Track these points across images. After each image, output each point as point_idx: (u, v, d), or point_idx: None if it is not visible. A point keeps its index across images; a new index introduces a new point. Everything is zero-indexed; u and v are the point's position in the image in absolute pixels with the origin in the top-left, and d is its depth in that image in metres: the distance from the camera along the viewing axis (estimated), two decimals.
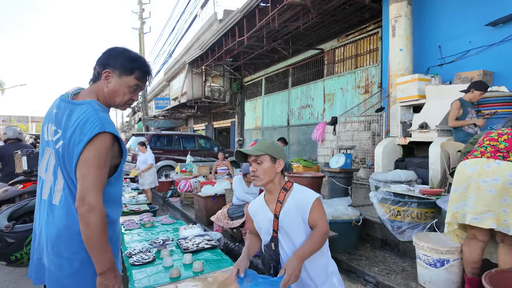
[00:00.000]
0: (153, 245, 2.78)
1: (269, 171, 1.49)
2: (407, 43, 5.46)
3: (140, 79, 1.29)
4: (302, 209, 1.44)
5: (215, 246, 2.75)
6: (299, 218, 1.45)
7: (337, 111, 8.22)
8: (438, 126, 4.49)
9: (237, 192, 3.90)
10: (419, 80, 4.94)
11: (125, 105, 1.34)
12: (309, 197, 1.45)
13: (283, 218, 1.46)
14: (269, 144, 1.54)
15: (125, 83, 1.27)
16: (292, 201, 1.47)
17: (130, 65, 1.26)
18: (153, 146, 9.54)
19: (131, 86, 1.28)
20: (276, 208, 1.49)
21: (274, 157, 1.51)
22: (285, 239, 1.47)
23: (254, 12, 7.39)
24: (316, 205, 1.43)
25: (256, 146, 1.52)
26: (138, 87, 1.30)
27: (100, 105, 1.24)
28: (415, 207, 2.74)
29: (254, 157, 1.50)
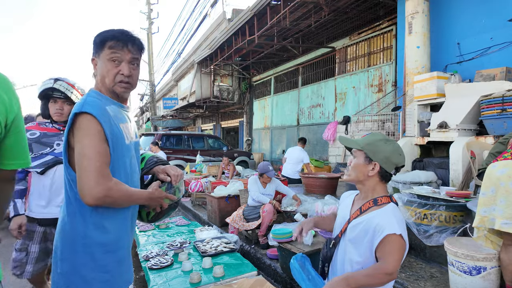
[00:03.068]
0: (170, 248, 2.71)
1: (358, 169, 1.33)
2: (424, 40, 5.31)
3: (114, 47, 1.18)
4: (372, 235, 1.24)
5: (234, 249, 2.66)
6: (367, 241, 1.26)
7: (349, 110, 8.08)
8: (458, 125, 4.34)
9: (253, 193, 3.81)
10: (438, 78, 4.79)
11: (119, 85, 1.21)
12: (384, 228, 1.21)
13: (353, 227, 1.32)
14: (372, 140, 1.34)
15: (104, 59, 1.19)
16: (369, 220, 1.27)
17: (100, 39, 1.19)
18: (163, 146, 9.52)
19: (110, 58, 1.19)
20: (355, 213, 1.34)
21: (369, 156, 1.32)
22: (345, 247, 1.34)
23: (265, 10, 7.29)
24: (389, 242, 1.20)
25: (360, 139, 1.38)
26: (117, 57, 1.19)
27: (99, 94, 1.20)
28: (443, 210, 2.62)
29: (353, 149, 1.38)
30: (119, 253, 1.22)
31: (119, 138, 1.17)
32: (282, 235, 2.64)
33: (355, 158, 1.35)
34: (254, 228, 3.70)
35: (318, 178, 4.60)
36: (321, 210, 3.13)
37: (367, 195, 1.35)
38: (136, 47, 1.22)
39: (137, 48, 1.22)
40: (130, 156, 1.25)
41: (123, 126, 1.21)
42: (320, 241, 2.63)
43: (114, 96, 1.24)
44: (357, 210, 1.34)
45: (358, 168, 1.34)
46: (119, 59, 1.19)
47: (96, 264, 1.15)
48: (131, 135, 1.27)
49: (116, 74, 1.19)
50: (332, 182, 4.61)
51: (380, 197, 1.33)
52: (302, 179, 4.89)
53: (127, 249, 1.29)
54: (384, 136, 1.38)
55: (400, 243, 1.21)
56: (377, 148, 1.32)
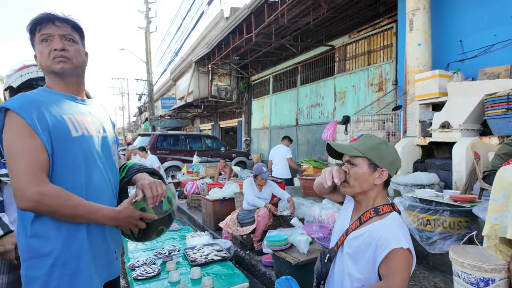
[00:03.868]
0: (158, 256, 2.56)
1: (362, 178, 1.15)
2: (425, 38, 5.16)
3: (41, 28, 1.11)
4: (374, 250, 1.08)
5: (226, 258, 2.51)
6: (369, 256, 1.10)
7: (349, 110, 7.93)
8: (462, 125, 4.19)
9: (248, 196, 3.66)
10: (440, 76, 4.64)
11: (55, 62, 1.10)
12: (389, 241, 1.05)
13: (352, 240, 1.16)
14: (374, 144, 1.17)
15: (37, 45, 1.12)
16: (372, 232, 1.11)
17: (29, 29, 1.13)
18: (159, 146, 9.37)
19: (40, 40, 1.12)
20: (353, 224, 1.18)
21: (374, 163, 1.16)
22: (343, 262, 1.19)
23: (262, 8, 7.13)
24: (395, 257, 1.04)
25: (355, 143, 1.18)
26: (46, 35, 1.11)
27: (44, 89, 1.14)
28: (448, 215, 2.47)
29: (348, 157, 1.18)
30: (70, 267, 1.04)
31: (60, 130, 1.05)
32: (276, 243, 2.49)
33: (354, 167, 1.16)
34: (249, 233, 3.56)
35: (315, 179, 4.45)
36: (318, 215, 2.98)
37: (367, 204, 1.19)
38: (66, 24, 1.13)
39: (68, 26, 1.14)
40: (86, 151, 1.11)
41: (71, 118, 1.09)
42: (317, 249, 2.48)
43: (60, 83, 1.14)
44: (356, 221, 1.18)
45: (363, 177, 1.15)
46: (49, 37, 1.11)
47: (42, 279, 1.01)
48: (89, 128, 1.14)
49: (49, 52, 1.10)
50: None
51: (381, 205, 1.17)
52: (299, 181, 4.74)
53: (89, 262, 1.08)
54: (380, 138, 1.22)
55: (407, 259, 1.05)
56: (382, 153, 1.17)
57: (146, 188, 1.14)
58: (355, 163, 1.17)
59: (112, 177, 1.21)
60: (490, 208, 1.98)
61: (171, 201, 1.22)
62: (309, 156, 9.19)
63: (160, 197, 1.15)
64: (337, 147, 1.20)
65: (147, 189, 1.14)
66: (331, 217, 2.81)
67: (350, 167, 1.18)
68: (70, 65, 1.12)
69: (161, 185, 1.17)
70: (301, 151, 10.08)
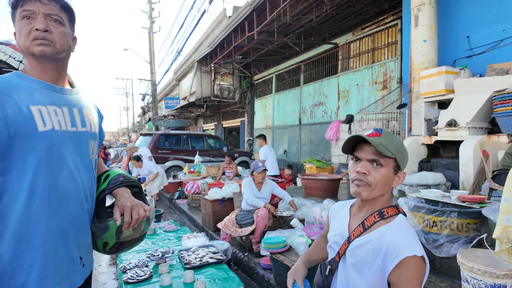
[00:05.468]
0: (151, 258, 2.46)
1: (386, 181, 1.01)
2: (431, 34, 5.01)
3: (23, 3, 0.99)
4: (384, 257, 0.95)
5: (221, 260, 2.40)
6: (377, 266, 0.97)
7: (353, 109, 7.78)
8: (469, 123, 4.04)
9: (246, 196, 3.55)
10: (447, 73, 4.49)
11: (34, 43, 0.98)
12: (400, 249, 0.93)
13: (356, 248, 1.03)
14: (399, 143, 1.05)
15: (17, 22, 1.00)
16: (379, 238, 0.99)
17: (11, 6, 1.01)
18: (161, 146, 9.30)
19: (21, 16, 0.99)
20: (356, 230, 1.06)
21: (399, 165, 1.04)
22: (345, 273, 1.06)
23: (264, 5, 7.02)
24: (408, 266, 0.92)
25: (383, 141, 1.01)
26: (28, 12, 0.99)
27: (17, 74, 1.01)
28: (455, 217, 2.33)
29: (373, 155, 1.01)
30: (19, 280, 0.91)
31: (23, 123, 0.92)
32: (274, 245, 2.37)
33: (380, 168, 1.01)
34: (248, 234, 3.45)
35: (318, 180, 4.30)
36: (319, 216, 2.86)
37: (372, 207, 1.06)
38: (54, 2, 1.01)
39: (56, 4, 1.01)
40: (53, 148, 0.98)
41: (40, 109, 0.97)
42: None
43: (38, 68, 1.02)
44: (359, 227, 1.05)
45: (387, 180, 1.02)
46: (32, 15, 0.98)
47: None
48: (64, 121, 1.02)
49: (30, 31, 0.98)
50: (333, 184, 4.31)
51: (385, 208, 1.04)
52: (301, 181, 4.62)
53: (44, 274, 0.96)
54: (396, 137, 1.09)
55: (421, 268, 0.94)
56: (405, 154, 1.05)
57: (127, 211, 1.09)
58: (382, 163, 1.01)
59: (87, 179, 1.10)
60: (502, 208, 1.85)
61: (149, 220, 1.17)
62: (312, 156, 9.06)
63: (139, 221, 1.11)
64: (373, 142, 1.01)
65: (127, 213, 1.09)
66: None
67: (373, 166, 1.02)
68: (51, 49, 1.00)
69: (142, 207, 1.12)
70: (304, 150, 9.95)
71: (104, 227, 1.11)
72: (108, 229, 1.11)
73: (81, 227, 1.07)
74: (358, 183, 1.04)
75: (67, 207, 1.01)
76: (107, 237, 1.12)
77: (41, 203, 0.95)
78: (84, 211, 1.08)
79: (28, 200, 0.93)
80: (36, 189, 0.94)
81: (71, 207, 1.02)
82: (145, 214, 1.11)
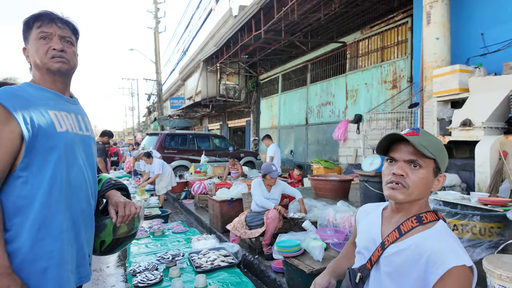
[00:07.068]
0: (161, 261, 2.39)
1: (424, 184, 0.95)
2: (444, 31, 4.89)
3: (41, 25, 1.12)
4: (426, 266, 0.87)
5: (233, 264, 2.33)
6: (417, 276, 0.88)
7: (361, 108, 7.67)
8: (484, 122, 3.92)
9: (256, 197, 3.48)
10: (461, 71, 4.37)
11: (52, 61, 1.11)
12: (445, 258, 0.85)
13: (392, 256, 0.95)
14: (439, 143, 0.98)
15: (33, 40, 1.12)
16: (419, 245, 0.90)
17: (26, 22, 1.13)
18: (167, 146, 9.27)
19: (39, 37, 1.12)
20: (391, 236, 0.97)
21: (439, 167, 0.97)
22: (379, 282, 0.98)
23: (272, 4, 6.94)
24: (455, 278, 0.83)
25: (422, 140, 0.94)
26: (46, 33, 1.12)
27: (28, 84, 1.12)
28: (478, 220, 2.23)
29: (411, 155, 0.95)
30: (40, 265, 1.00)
31: (45, 124, 1.05)
32: (288, 248, 2.29)
33: (419, 169, 0.95)
34: (257, 236, 3.37)
35: (328, 180, 4.21)
36: (333, 218, 2.77)
37: (409, 212, 0.98)
38: (67, 26, 1.16)
39: (68, 28, 1.17)
40: (68, 147, 1.10)
41: (56, 114, 1.10)
42: (332, 255, 2.28)
43: (50, 80, 1.14)
44: (395, 232, 0.97)
45: (426, 183, 0.95)
46: (48, 36, 1.12)
47: None
48: (74, 125, 1.16)
49: (47, 50, 1.11)
50: (344, 185, 4.22)
51: (423, 213, 0.97)
52: (310, 182, 4.53)
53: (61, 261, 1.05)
54: (434, 137, 1.02)
55: (469, 280, 0.85)
56: (445, 155, 0.98)
57: (121, 207, 1.20)
58: (421, 165, 0.94)
59: (92, 177, 1.22)
60: None
61: (140, 218, 1.28)
62: (319, 156, 8.95)
63: (131, 216, 1.21)
64: (413, 141, 0.94)
65: (121, 208, 1.20)
66: (347, 221, 2.60)
67: (411, 168, 0.95)
68: (67, 66, 1.14)
69: (134, 205, 1.23)
70: (310, 150, 9.85)
71: (102, 225, 1.22)
72: (105, 227, 1.22)
73: (89, 222, 1.18)
74: (393, 185, 0.97)
75: (78, 201, 1.12)
76: (105, 234, 1.22)
77: (59, 195, 1.05)
78: (90, 207, 1.19)
79: (49, 192, 1.03)
80: (55, 182, 1.05)
81: (81, 201, 1.14)
82: (136, 211, 1.22)
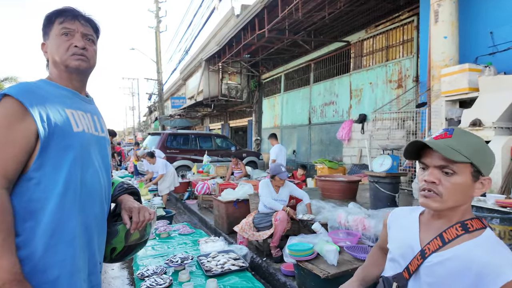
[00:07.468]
0: (169, 265, 2.33)
1: (460, 190, 0.87)
2: (452, 30, 4.82)
3: (64, 20, 1.08)
4: (477, 279, 0.80)
5: (244, 267, 2.27)
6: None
7: (365, 108, 7.61)
8: (495, 123, 3.86)
9: (264, 198, 3.41)
10: (470, 70, 4.31)
11: (72, 58, 1.07)
12: (504, 270, 0.78)
13: (435, 266, 0.88)
14: (478, 144, 0.89)
15: (54, 36, 1.08)
16: (468, 255, 0.84)
17: (48, 16, 1.10)
18: (169, 146, 9.21)
19: (61, 33, 1.07)
20: (432, 244, 0.90)
21: (479, 170, 0.88)
22: None
23: (276, 2, 6.87)
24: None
25: (453, 143, 0.87)
26: (68, 29, 1.08)
27: (44, 81, 1.08)
28: (497, 223, 2.17)
29: (442, 160, 0.87)
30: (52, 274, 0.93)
31: (61, 123, 0.99)
32: (300, 252, 2.23)
33: (453, 175, 0.87)
34: (266, 238, 3.31)
35: (336, 181, 4.14)
36: (345, 221, 2.71)
37: (451, 218, 0.91)
38: (89, 24, 1.12)
39: (90, 26, 1.13)
40: (84, 148, 1.05)
41: (73, 113, 1.05)
42: (346, 259, 2.21)
43: (67, 78, 1.09)
44: (437, 239, 0.90)
45: (462, 189, 0.87)
46: (71, 32, 1.08)
47: None
48: (90, 126, 1.10)
49: (69, 47, 1.07)
50: (352, 186, 4.15)
51: (468, 220, 0.90)
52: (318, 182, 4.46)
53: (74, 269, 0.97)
54: (475, 134, 0.94)
55: None
56: (487, 156, 0.89)
57: (135, 212, 1.16)
58: (454, 171, 0.87)
59: (107, 179, 1.17)
60: None
61: (152, 225, 1.24)
62: (323, 156, 8.89)
63: (145, 222, 1.17)
64: (437, 147, 0.87)
65: (135, 214, 1.15)
66: (359, 223, 2.53)
67: (442, 175, 0.88)
68: (87, 64, 1.11)
69: (148, 210, 1.18)
70: (314, 150, 9.78)
71: (114, 231, 1.17)
72: (117, 233, 1.16)
73: (101, 228, 1.11)
74: (426, 193, 0.91)
75: (91, 205, 1.05)
76: (117, 241, 1.17)
77: (73, 198, 0.99)
78: (103, 211, 1.13)
79: (63, 195, 0.96)
80: (70, 184, 0.98)
81: (95, 205, 1.07)
82: (150, 217, 1.17)
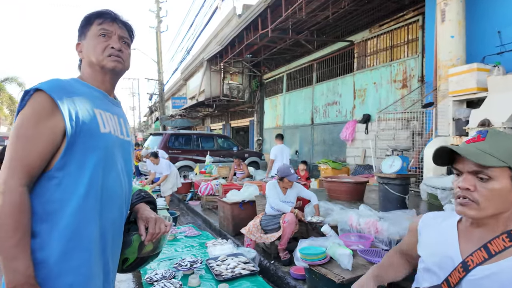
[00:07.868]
0: (178, 269, 2.27)
1: (500, 197, 0.82)
2: (459, 29, 4.77)
3: (103, 22, 1.08)
4: None
5: (255, 272, 2.21)
6: None
7: (369, 108, 7.55)
8: (505, 123, 3.81)
9: (271, 200, 3.35)
10: (478, 70, 4.26)
11: (109, 59, 1.06)
12: None
13: (481, 280, 0.82)
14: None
15: (91, 37, 1.08)
16: None
17: (86, 20, 1.10)
18: (171, 146, 9.15)
19: (98, 34, 1.08)
20: (476, 255, 0.84)
21: None
22: None
23: (279, 2, 6.82)
24: None
25: (484, 146, 0.84)
26: (106, 31, 1.08)
27: (76, 80, 1.07)
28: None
29: (475, 166, 0.83)
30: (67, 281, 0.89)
31: (89, 122, 0.97)
32: (313, 256, 2.17)
33: (488, 181, 0.82)
34: (273, 240, 3.25)
35: (343, 182, 4.09)
36: (356, 223, 2.66)
37: (496, 228, 0.86)
38: (125, 28, 1.13)
39: (126, 29, 1.14)
40: (109, 151, 1.02)
41: (101, 113, 1.02)
42: (361, 264, 2.16)
43: (100, 79, 1.08)
44: (480, 251, 0.84)
45: (501, 195, 0.82)
46: (108, 33, 1.08)
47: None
48: (116, 128, 1.08)
49: (105, 47, 1.07)
50: (360, 187, 4.10)
51: None
52: (324, 183, 4.41)
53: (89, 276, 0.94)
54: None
55: None
56: None
57: (151, 222, 1.11)
58: (490, 176, 0.82)
59: (128, 184, 1.14)
60: None
61: (166, 238, 1.20)
62: (326, 157, 8.83)
63: (160, 235, 1.13)
64: (465, 153, 0.83)
65: (151, 224, 1.11)
66: (372, 226, 2.48)
67: (477, 181, 0.84)
68: (122, 66, 1.11)
69: (164, 222, 1.14)
70: (316, 151, 9.73)
71: (128, 241, 1.12)
72: (131, 244, 1.12)
73: (117, 235, 1.07)
74: (462, 201, 0.86)
75: (110, 210, 1.02)
76: (130, 252, 1.13)
77: (94, 202, 0.96)
78: (122, 217, 1.09)
79: (85, 197, 0.93)
80: (92, 187, 0.95)
81: (113, 211, 1.04)
82: (165, 230, 1.13)
